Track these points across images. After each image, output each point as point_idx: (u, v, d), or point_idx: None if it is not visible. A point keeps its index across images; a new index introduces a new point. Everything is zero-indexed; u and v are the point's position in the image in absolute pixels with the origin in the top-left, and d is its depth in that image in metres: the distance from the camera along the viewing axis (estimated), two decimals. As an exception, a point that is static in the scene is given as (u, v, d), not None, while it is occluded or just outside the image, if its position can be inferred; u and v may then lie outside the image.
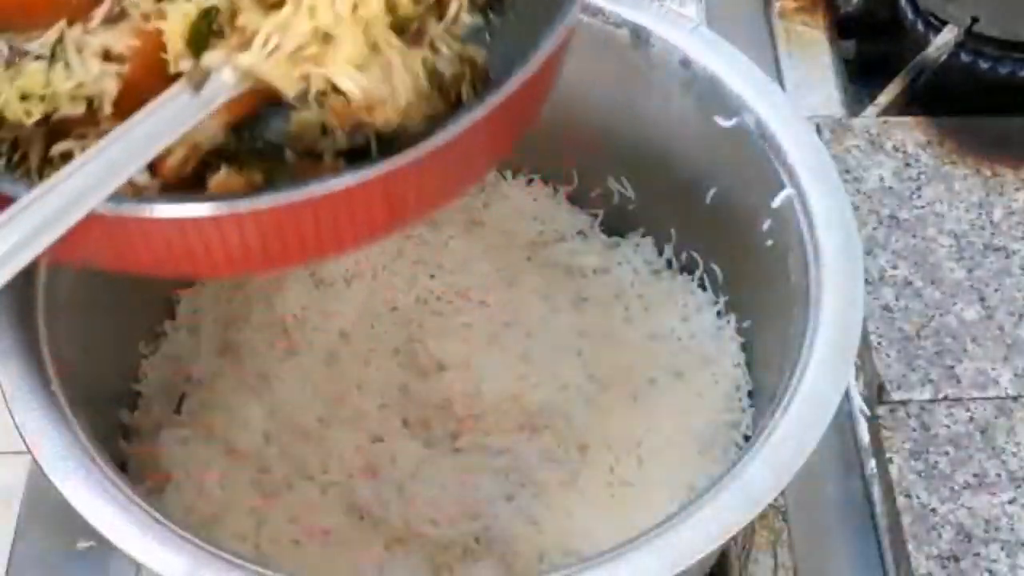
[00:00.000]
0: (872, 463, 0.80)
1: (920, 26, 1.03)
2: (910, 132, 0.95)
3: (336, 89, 0.50)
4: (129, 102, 0.51)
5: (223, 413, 0.76)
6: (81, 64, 0.52)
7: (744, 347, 0.80)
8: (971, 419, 0.79)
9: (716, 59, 0.74)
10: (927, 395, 0.80)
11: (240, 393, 0.78)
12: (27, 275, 0.64)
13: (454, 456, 0.76)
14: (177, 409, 0.76)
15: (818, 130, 0.93)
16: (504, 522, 0.72)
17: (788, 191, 0.69)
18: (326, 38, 0.49)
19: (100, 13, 0.53)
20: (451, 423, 0.76)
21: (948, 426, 0.79)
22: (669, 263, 0.85)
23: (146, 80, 0.51)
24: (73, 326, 0.66)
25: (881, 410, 0.80)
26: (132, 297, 0.78)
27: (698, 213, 0.79)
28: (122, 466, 0.73)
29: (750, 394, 0.78)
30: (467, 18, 0.55)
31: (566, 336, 0.80)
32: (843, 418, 0.82)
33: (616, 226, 0.87)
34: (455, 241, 0.84)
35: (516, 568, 0.71)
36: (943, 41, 1.00)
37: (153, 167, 0.50)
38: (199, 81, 0.50)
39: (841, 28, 1.11)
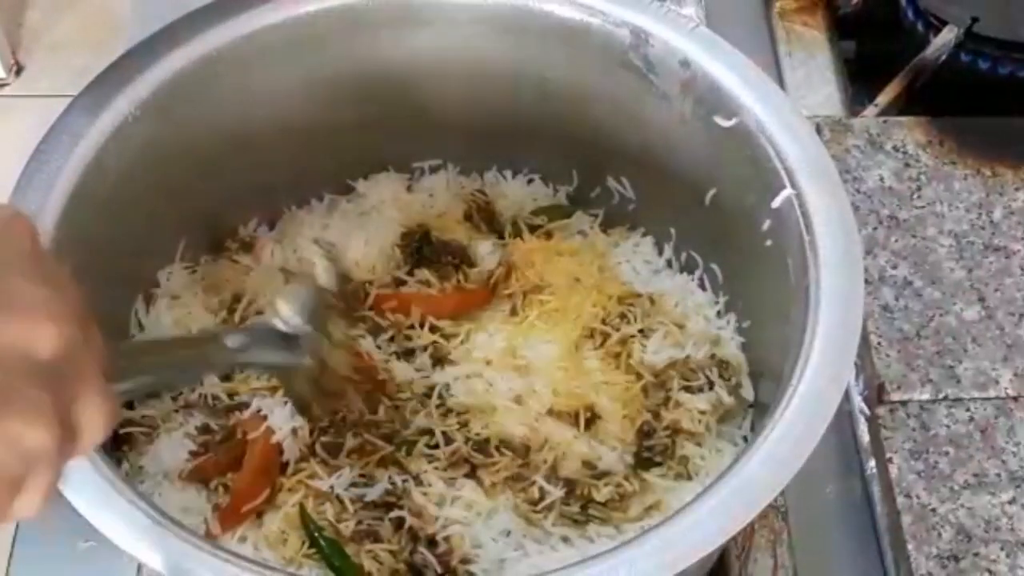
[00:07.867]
0: (872, 463, 0.80)
1: (920, 26, 1.03)
2: (910, 132, 0.95)
3: None
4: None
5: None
6: None
7: (744, 347, 0.80)
8: (971, 419, 0.79)
9: (716, 59, 0.74)
10: (927, 395, 0.80)
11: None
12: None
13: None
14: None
15: (818, 130, 0.93)
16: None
17: (788, 191, 0.69)
18: None
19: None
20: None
21: (948, 426, 0.79)
22: (669, 263, 0.85)
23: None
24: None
25: (881, 410, 0.80)
26: (132, 297, 0.78)
27: (698, 213, 0.79)
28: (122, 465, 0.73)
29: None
30: None
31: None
32: (843, 418, 0.82)
33: (616, 226, 0.87)
34: (456, 241, 0.84)
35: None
36: (943, 41, 1.00)
37: None
38: None
39: (841, 28, 1.11)
